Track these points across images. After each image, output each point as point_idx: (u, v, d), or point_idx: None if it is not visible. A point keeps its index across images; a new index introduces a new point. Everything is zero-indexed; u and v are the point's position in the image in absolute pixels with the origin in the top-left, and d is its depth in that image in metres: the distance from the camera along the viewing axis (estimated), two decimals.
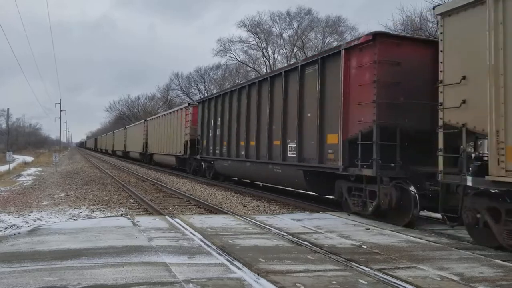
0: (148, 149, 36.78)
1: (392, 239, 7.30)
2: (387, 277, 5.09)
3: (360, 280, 4.97)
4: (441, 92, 7.54)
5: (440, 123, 7.53)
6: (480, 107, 6.74)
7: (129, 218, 9.10)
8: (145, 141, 37.84)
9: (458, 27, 7.31)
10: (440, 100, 7.54)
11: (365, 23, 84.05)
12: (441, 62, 7.58)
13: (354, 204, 9.97)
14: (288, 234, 7.58)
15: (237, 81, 47.54)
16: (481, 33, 6.69)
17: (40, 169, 33.87)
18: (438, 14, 7.72)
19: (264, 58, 55.32)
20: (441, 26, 7.63)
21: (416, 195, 8.60)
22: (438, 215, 8.42)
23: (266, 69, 51.41)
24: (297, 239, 7.13)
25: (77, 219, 10.30)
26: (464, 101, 7.08)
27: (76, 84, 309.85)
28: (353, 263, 5.68)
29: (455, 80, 7.23)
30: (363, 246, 6.74)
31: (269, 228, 8.10)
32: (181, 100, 64.29)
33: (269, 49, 55.03)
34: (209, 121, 20.25)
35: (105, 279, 4.79)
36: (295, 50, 51.97)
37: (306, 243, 6.89)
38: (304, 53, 48.63)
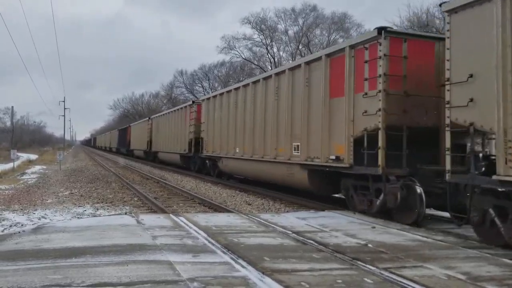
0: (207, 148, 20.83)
1: (398, 238, 7.24)
2: (393, 276, 5.04)
3: (365, 279, 4.93)
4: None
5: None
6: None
7: (133, 216, 9.09)
8: (195, 135, 23.20)
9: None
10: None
11: (369, 19, 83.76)
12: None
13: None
14: (293, 232, 7.54)
15: (241, 79, 47.50)
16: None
17: (45, 167, 33.97)
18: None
19: (269, 55, 55.30)
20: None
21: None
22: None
23: (271, 66, 51.40)
24: (302, 238, 7.09)
25: (81, 217, 10.29)
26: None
27: (85, 82, 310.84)
28: (359, 262, 5.64)
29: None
30: (369, 245, 6.69)
31: (274, 227, 8.06)
32: (185, 98, 64.38)
33: (274, 46, 55.01)
34: None
35: (109, 277, 4.78)
36: (300, 47, 51.89)
37: (311, 241, 6.84)
38: (309, 50, 48.54)
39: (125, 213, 10.65)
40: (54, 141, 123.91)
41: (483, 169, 7.01)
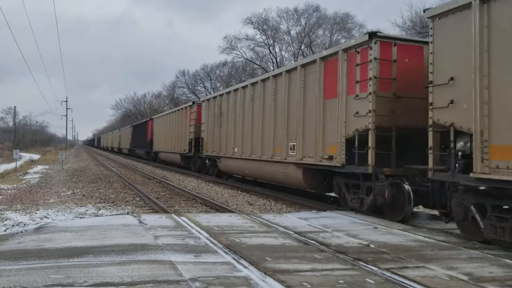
0: None
1: (400, 238, 7.24)
2: (395, 277, 5.04)
3: (367, 279, 4.92)
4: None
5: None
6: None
7: (135, 216, 9.09)
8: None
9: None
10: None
11: (372, 20, 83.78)
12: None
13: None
14: (295, 233, 7.53)
15: (243, 79, 47.51)
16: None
17: (47, 166, 34.03)
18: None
19: (271, 56, 55.28)
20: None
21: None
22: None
23: (273, 67, 51.40)
24: (304, 238, 7.09)
25: (83, 217, 10.31)
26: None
27: (87, 82, 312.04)
28: (361, 263, 5.63)
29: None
30: (371, 245, 6.68)
31: (275, 227, 8.06)
32: (187, 98, 64.37)
33: (276, 46, 54.99)
34: None
35: (111, 277, 4.78)
36: (302, 48, 51.88)
37: (313, 242, 6.84)
38: (312, 50, 48.53)
39: (127, 213, 10.66)
40: (56, 141, 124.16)
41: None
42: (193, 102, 25.82)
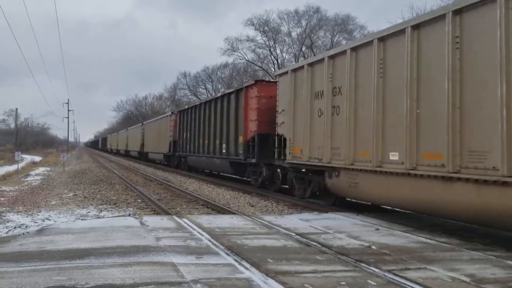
0: None
1: (402, 240, 7.23)
2: (397, 278, 5.03)
3: (369, 281, 4.92)
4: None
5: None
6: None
7: (137, 218, 9.11)
8: None
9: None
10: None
11: (372, 21, 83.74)
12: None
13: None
14: (297, 234, 7.54)
15: (245, 80, 47.49)
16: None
17: (48, 168, 34.07)
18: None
19: (272, 57, 55.31)
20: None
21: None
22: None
23: (274, 68, 51.42)
24: (305, 240, 7.09)
25: (85, 219, 10.32)
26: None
27: (89, 83, 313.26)
28: (362, 264, 5.63)
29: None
30: (373, 246, 6.68)
31: (277, 228, 8.06)
32: (188, 100, 64.39)
33: (277, 47, 55.02)
34: None
35: (113, 278, 4.79)
36: (303, 49, 51.87)
37: (315, 243, 6.84)
38: (312, 51, 48.52)
39: (129, 215, 10.67)
40: (58, 142, 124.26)
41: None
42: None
